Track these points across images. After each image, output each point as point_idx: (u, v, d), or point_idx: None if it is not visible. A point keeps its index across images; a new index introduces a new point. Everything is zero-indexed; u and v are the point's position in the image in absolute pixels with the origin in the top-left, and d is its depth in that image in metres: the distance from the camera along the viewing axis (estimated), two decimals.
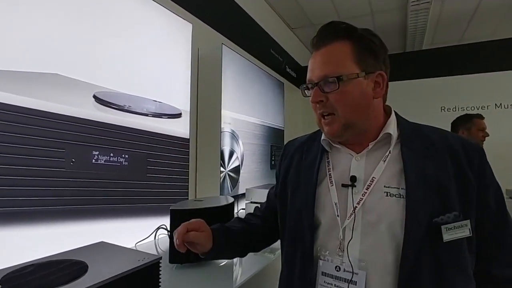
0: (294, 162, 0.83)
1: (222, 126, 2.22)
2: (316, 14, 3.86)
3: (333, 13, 3.80)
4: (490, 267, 0.67)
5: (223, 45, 2.26)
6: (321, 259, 0.69)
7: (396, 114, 0.76)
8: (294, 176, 0.80)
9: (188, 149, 1.86)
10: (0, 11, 1.01)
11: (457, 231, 0.61)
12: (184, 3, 2.06)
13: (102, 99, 1.34)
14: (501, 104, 3.90)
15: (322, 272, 0.68)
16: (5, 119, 1.02)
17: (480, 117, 2.44)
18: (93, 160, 1.29)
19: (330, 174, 0.74)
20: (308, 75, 0.73)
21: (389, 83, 0.75)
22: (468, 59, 4.07)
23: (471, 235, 0.62)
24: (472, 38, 4.31)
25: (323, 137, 0.76)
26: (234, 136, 2.39)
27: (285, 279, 0.78)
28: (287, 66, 4.12)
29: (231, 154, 2.34)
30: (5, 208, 1.02)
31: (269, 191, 0.99)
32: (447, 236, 0.60)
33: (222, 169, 2.21)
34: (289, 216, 0.78)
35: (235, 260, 1.31)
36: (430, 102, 4.21)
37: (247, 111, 2.63)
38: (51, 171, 1.15)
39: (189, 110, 1.88)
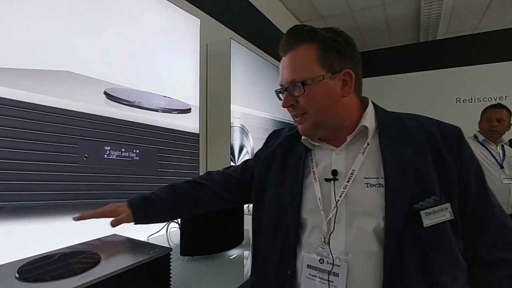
0: (277, 157, 0.83)
1: (231, 121, 2.22)
2: (325, 7, 3.79)
3: (343, 5, 3.73)
4: (477, 250, 0.67)
5: (231, 39, 2.26)
6: (306, 252, 0.70)
7: (374, 105, 0.77)
8: (278, 173, 0.80)
9: (198, 144, 1.87)
10: (12, 11, 1.04)
11: (437, 215, 0.61)
12: None
13: (113, 95, 1.36)
14: None
15: (307, 265, 0.69)
16: (20, 116, 1.05)
17: (493, 106, 2.31)
18: (105, 155, 1.32)
19: (314, 171, 0.75)
20: (279, 80, 0.75)
21: (403, 74, 0.74)
22: (485, 48, 3.94)
23: (452, 218, 0.62)
24: (488, 27, 4.15)
25: (303, 137, 0.78)
26: (244, 131, 2.39)
27: (258, 268, 0.80)
28: None
29: (241, 148, 2.34)
30: (22, 202, 1.06)
31: (243, 164, 0.97)
32: (427, 221, 0.61)
33: (232, 163, 2.22)
34: (270, 211, 0.78)
35: (245, 253, 1.32)
36: (445, 93, 4.10)
37: (256, 105, 2.63)
38: (65, 166, 1.18)
39: (198, 105, 1.89)
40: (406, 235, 0.61)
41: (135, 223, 0.84)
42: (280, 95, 0.77)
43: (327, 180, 0.71)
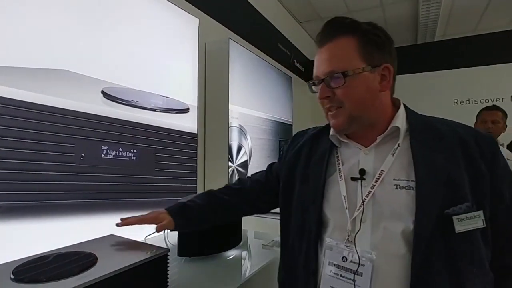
0: (302, 155, 0.83)
1: (230, 121, 2.22)
2: (324, 7, 3.80)
3: (342, 6, 3.74)
4: (506, 260, 0.66)
5: (230, 39, 2.25)
6: (328, 250, 0.70)
7: (405, 106, 0.76)
8: (302, 170, 0.81)
9: (196, 144, 1.87)
10: (8, 9, 1.03)
11: (470, 222, 0.60)
12: None
13: (110, 95, 1.35)
14: None
15: (329, 262, 0.69)
16: (15, 115, 1.04)
17: (488, 108, 2.33)
18: (102, 155, 1.31)
19: (339, 169, 0.74)
20: (314, 72, 0.74)
21: (401, 76, 0.74)
22: (482, 50, 3.95)
23: (484, 226, 0.61)
24: (487, 29, 4.17)
25: (331, 132, 0.77)
26: (242, 131, 2.39)
27: (286, 267, 0.81)
28: (295, 60, 4.08)
29: (239, 149, 2.34)
30: (18, 202, 1.05)
31: (267, 169, 0.99)
32: (459, 227, 0.60)
33: (230, 164, 2.22)
34: (296, 209, 0.79)
35: (243, 253, 1.32)
36: (442, 95, 4.11)
37: (255, 105, 2.62)
38: (62, 166, 1.17)
39: (196, 105, 1.88)
40: (436, 240, 0.60)
41: (174, 230, 0.89)
42: (313, 87, 0.76)
43: (353, 179, 0.71)
